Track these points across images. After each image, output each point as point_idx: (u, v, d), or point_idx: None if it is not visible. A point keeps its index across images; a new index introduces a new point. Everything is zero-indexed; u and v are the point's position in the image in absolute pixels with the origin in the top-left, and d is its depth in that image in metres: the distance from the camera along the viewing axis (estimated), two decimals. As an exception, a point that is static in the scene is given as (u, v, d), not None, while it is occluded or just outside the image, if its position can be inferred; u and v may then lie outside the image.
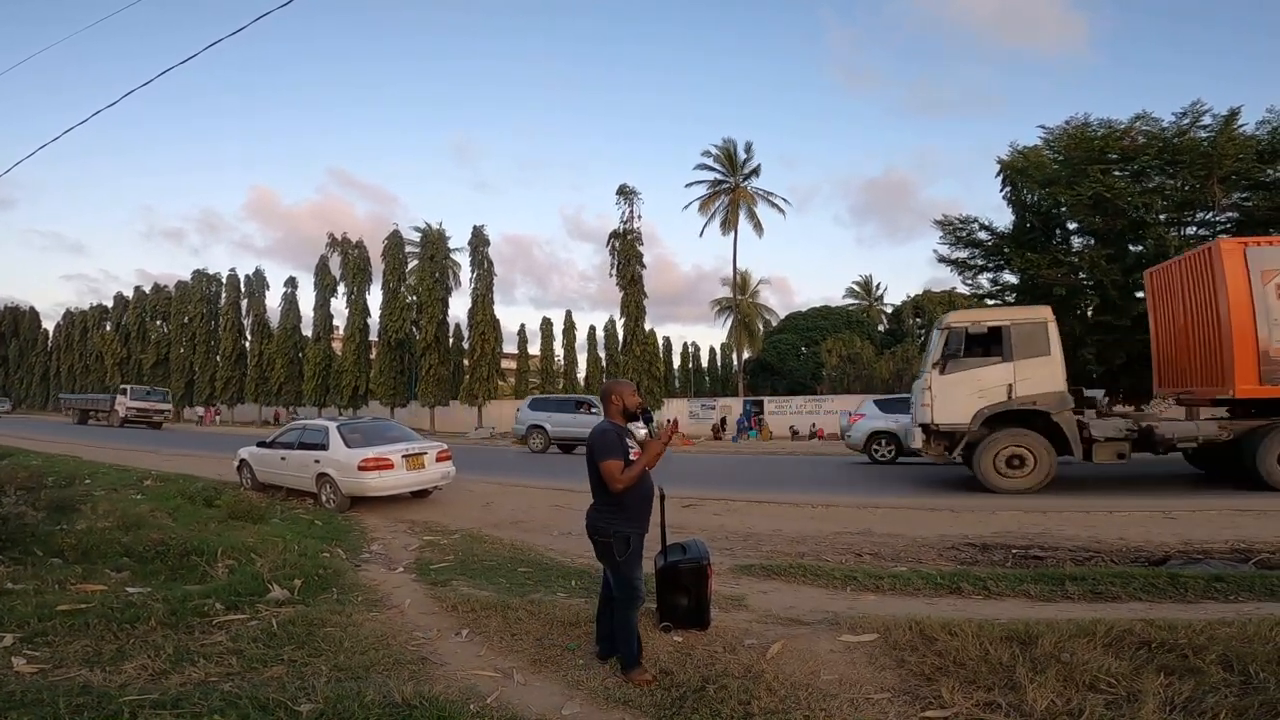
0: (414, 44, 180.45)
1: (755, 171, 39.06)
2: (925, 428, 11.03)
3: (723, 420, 33.13)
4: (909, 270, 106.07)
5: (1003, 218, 28.87)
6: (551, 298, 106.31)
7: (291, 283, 44.58)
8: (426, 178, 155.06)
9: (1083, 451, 10.49)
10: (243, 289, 46.33)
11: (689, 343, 67.26)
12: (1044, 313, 11.23)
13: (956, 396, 10.87)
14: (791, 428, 31.60)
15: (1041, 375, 10.64)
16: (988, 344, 10.98)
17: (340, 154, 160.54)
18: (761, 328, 49.74)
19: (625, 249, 34.52)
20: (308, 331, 42.90)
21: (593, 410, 19.17)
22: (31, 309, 64.76)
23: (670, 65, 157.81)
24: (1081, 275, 22.04)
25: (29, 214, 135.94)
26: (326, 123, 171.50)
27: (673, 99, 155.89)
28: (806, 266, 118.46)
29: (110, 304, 54.76)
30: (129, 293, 52.91)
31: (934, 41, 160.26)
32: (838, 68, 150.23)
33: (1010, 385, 10.68)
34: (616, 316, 36.92)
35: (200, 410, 46.36)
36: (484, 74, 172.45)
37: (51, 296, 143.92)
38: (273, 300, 45.86)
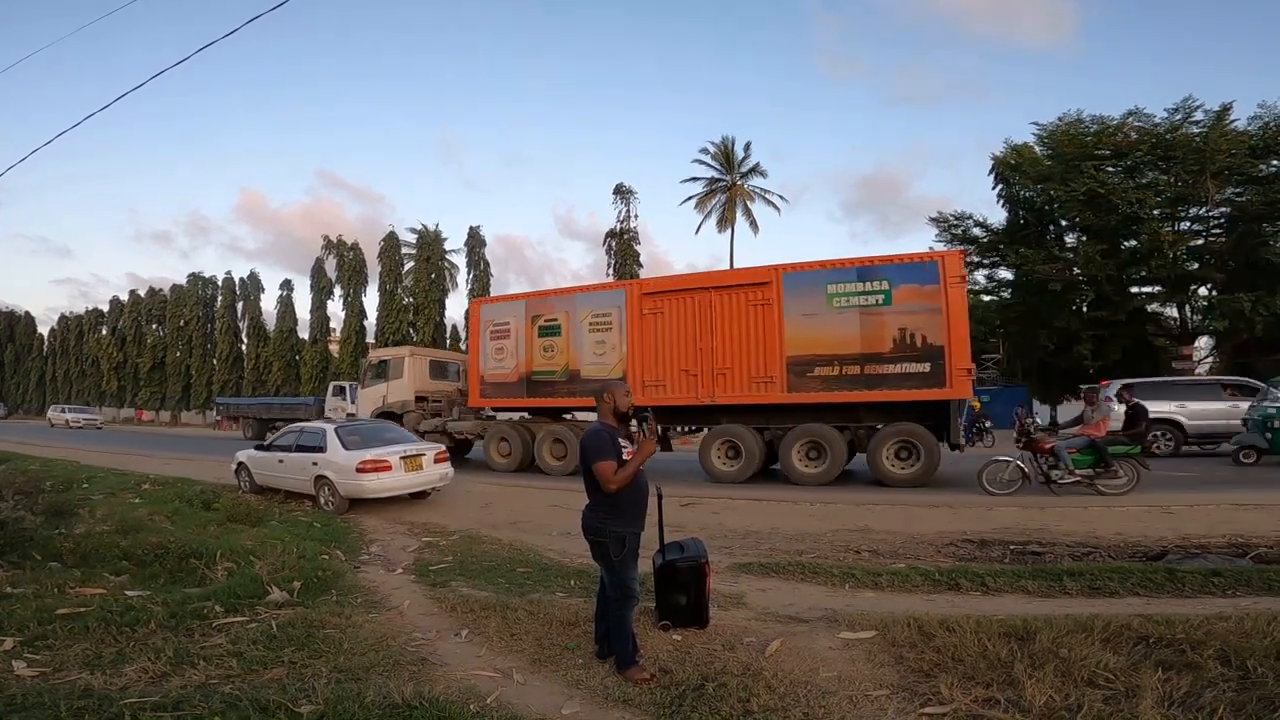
0: (396, 40, 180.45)
1: (754, 170, 39.01)
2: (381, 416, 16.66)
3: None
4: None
5: (995, 212, 28.91)
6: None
7: (287, 285, 44.50)
8: (414, 177, 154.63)
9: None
10: (238, 292, 46.22)
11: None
12: (404, 351, 17.39)
13: (367, 401, 17.05)
14: None
15: (400, 390, 16.42)
16: (385, 371, 17.01)
17: (327, 154, 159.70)
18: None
19: (622, 249, 34.57)
20: (304, 334, 42.82)
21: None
22: (27, 314, 64.60)
23: (654, 58, 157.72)
24: (1076, 271, 22.13)
25: (14, 216, 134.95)
26: (312, 123, 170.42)
27: (658, 93, 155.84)
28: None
29: (105, 308, 54.64)
30: (120, 296, 52.86)
31: (920, 31, 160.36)
32: (824, 59, 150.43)
33: (384, 396, 16.59)
34: (614, 316, 36.88)
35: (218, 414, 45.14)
36: (466, 70, 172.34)
37: (43, 301, 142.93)
38: (268, 303, 45.82)
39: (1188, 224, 22.00)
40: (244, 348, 45.89)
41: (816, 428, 11.27)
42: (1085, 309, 22.93)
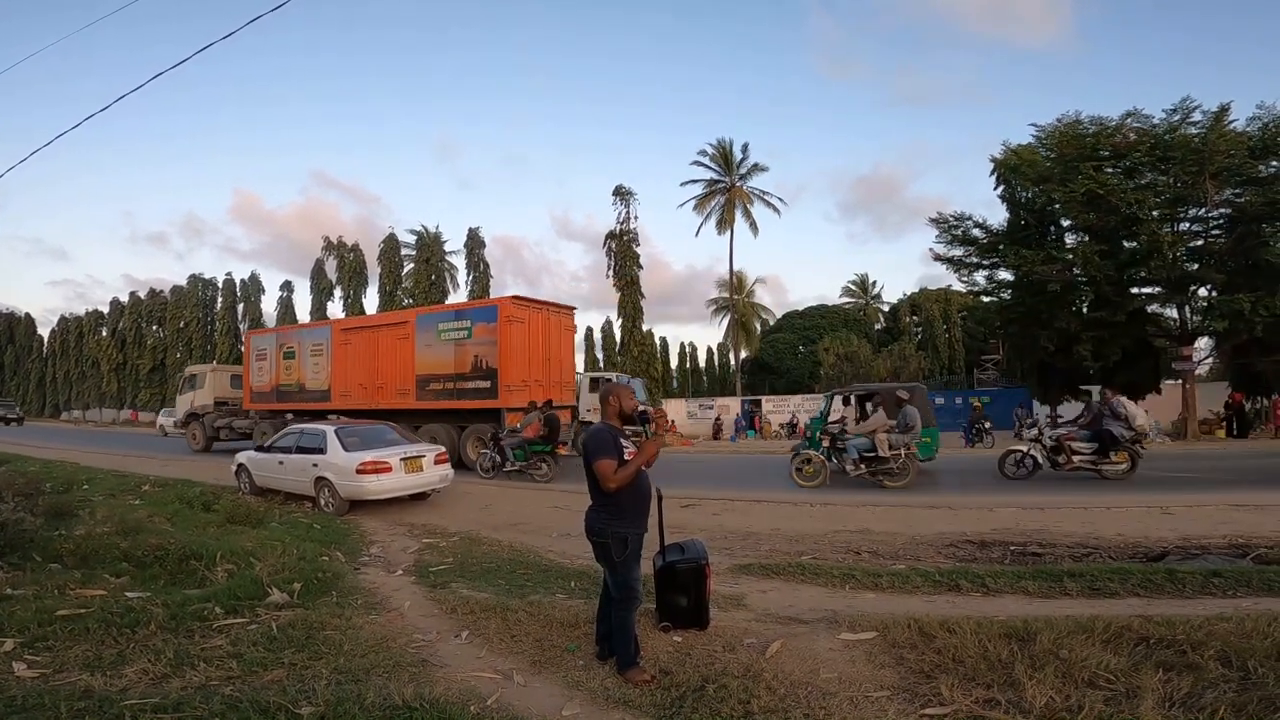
0: (390, 39, 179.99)
1: (754, 170, 38.95)
2: (177, 421, 23.65)
3: (718, 419, 33.29)
4: (902, 266, 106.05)
5: (993, 212, 28.90)
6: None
7: (287, 286, 44.75)
8: (410, 177, 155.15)
9: (216, 435, 20.52)
10: (238, 293, 46.26)
11: (686, 343, 67.14)
12: (207, 368, 23.28)
13: (181, 405, 22.63)
14: (793, 417, 32.24)
15: (203, 396, 21.78)
16: (194, 383, 22.28)
17: (321, 155, 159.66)
18: (758, 327, 49.78)
19: (622, 250, 34.55)
20: (304, 335, 42.82)
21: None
22: (27, 315, 64.55)
23: (650, 57, 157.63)
24: (1076, 272, 22.09)
25: (9, 218, 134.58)
26: (305, 123, 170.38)
27: (655, 92, 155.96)
28: (798, 263, 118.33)
29: (105, 309, 54.67)
30: (115, 298, 52.92)
31: (917, 31, 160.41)
32: (821, 59, 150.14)
33: (193, 400, 21.78)
34: (613, 317, 37.04)
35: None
36: (462, 70, 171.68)
37: (39, 302, 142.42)
38: (268, 305, 45.85)
39: (1187, 225, 21.94)
40: (244, 349, 45.88)
41: (434, 426, 15.01)
42: (1085, 310, 22.88)
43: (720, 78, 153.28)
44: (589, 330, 43.69)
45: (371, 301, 39.56)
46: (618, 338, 36.93)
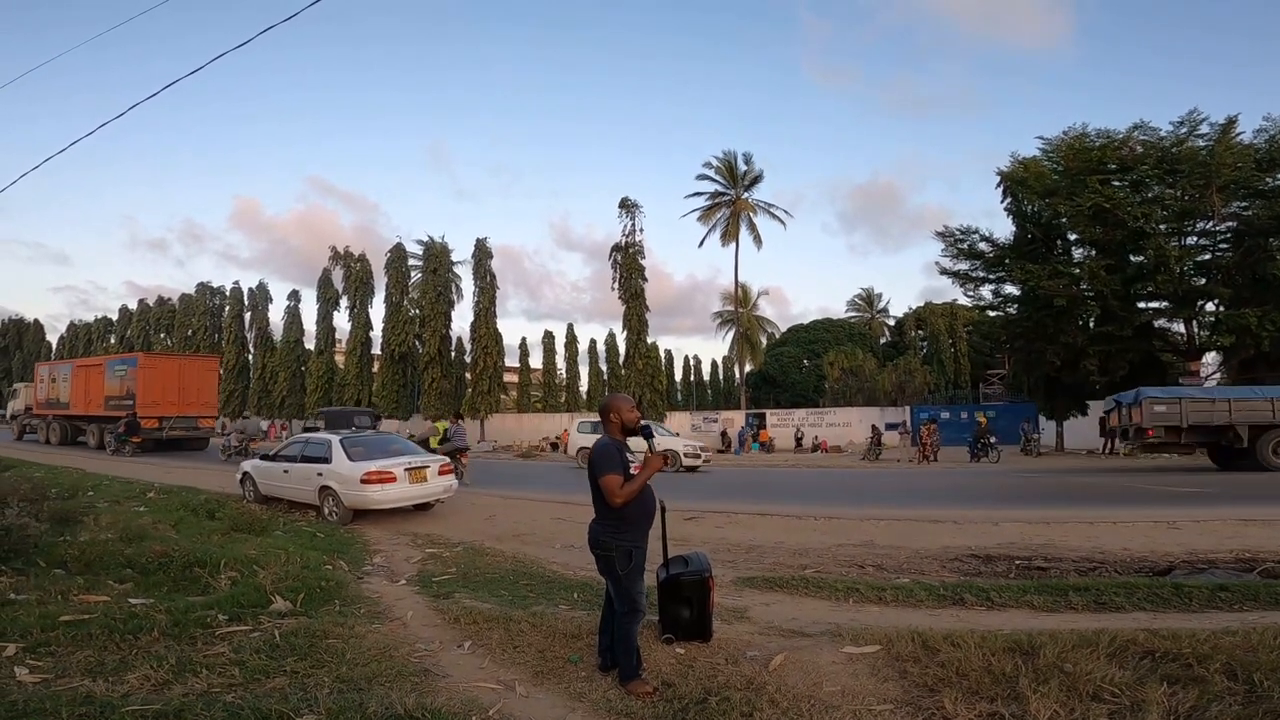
0: (391, 51, 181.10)
1: (756, 179, 39.09)
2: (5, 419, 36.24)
3: (723, 434, 33.26)
4: (904, 278, 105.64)
5: (996, 223, 29.00)
6: (544, 309, 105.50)
7: (294, 296, 44.79)
8: (409, 186, 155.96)
9: (25, 430, 30.56)
10: (245, 302, 46.50)
11: (690, 356, 66.93)
12: (23, 386, 34.17)
13: (10, 410, 34.16)
14: (797, 433, 32.35)
15: (19, 404, 31.84)
16: (16, 394, 33.50)
17: (319, 162, 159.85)
18: (763, 340, 49.78)
19: (627, 262, 34.63)
20: (310, 345, 42.95)
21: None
22: (35, 321, 65.09)
23: (645, 69, 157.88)
24: (1082, 286, 22.05)
25: (11, 224, 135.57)
26: (304, 131, 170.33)
27: (651, 105, 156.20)
28: (800, 276, 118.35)
29: (114, 316, 55.09)
30: (118, 304, 53.53)
31: (916, 41, 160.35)
32: (815, 67, 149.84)
33: (14, 406, 32.86)
34: (617, 329, 37.11)
35: (264, 424, 41.02)
36: (459, 82, 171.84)
37: (43, 308, 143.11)
38: (275, 314, 46.03)
39: (1194, 239, 21.93)
40: (250, 358, 46.05)
41: (109, 425, 22.94)
42: (1092, 324, 22.82)
43: (715, 88, 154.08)
44: (592, 343, 43.72)
45: (378, 312, 39.71)
46: (621, 350, 36.95)
